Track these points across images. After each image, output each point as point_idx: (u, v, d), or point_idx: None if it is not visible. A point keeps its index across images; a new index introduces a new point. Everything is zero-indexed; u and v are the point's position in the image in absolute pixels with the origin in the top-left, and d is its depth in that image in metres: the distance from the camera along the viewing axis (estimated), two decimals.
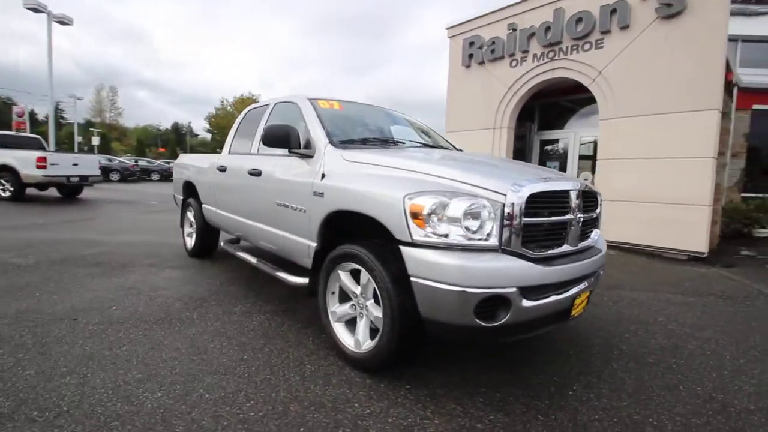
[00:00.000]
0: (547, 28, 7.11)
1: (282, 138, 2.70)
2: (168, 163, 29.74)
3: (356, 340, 2.29)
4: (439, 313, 1.87)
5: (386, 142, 3.07)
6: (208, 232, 4.65)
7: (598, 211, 2.51)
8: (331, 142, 2.65)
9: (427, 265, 1.85)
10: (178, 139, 60.54)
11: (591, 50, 6.64)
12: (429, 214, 1.87)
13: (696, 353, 2.70)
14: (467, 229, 1.86)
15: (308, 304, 3.30)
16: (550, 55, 7.20)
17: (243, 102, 26.27)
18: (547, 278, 1.95)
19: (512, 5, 7.64)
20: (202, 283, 3.81)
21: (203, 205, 4.45)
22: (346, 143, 2.73)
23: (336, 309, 2.43)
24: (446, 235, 1.87)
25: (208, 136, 54.36)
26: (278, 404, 1.92)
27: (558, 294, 2.03)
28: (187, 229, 5.05)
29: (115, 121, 61.56)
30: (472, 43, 8.35)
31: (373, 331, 2.25)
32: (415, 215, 1.90)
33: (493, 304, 1.82)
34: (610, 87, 6.47)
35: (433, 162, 2.25)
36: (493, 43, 7.96)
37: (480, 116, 8.35)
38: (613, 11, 6.27)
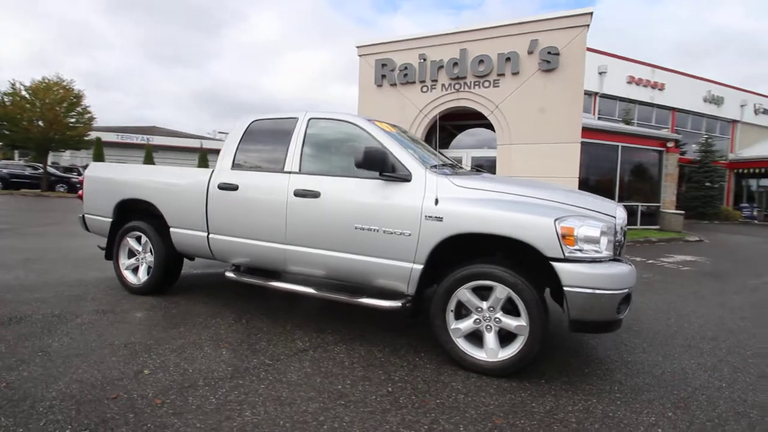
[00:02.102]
0: (455, 64, 8.34)
1: (379, 162, 2.68)
2: None
3: (489, 350, 2.52)
4: (591, 314, 2.32)
5: (453, 167, 3.32)
6: (173, 262, 3.86)
7: None
8: (428, 168, 2.77)
9: (582, 276, 2.28)
10: None
11: (490, 87, 8.13)
12: (576, 235, 2.31)
13: (670, 324, 3.78)
14: (599, 244, 2.37)
15: (367, 327, 3.23)
16: (456, 86, 8.45)
17: (48, 87, 19.93)
18: (636, 277, 2.64)
19: (422, 38, 8.63)
20: (212, 324, 3.20)
21: (174, 230, 3.69)
22: (433, 168, 2.88)
23: (459, 326, 2.59)
24: (581, 250, 2.35)
25: None
26: (485, 421, 2.01)
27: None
28: (127, 261, 4.02)
29: None
30: (384, 65, 8.99)
31: (502, 340, 2.53)
32: (564, 236, 2.31)
33: (624, 300, 2.38)
34: (505, 119, 8.07)
35: (544, 190, 2.69)
36: (406, 68, 8.79)
37: None
38: (507, 59, 7.87)
